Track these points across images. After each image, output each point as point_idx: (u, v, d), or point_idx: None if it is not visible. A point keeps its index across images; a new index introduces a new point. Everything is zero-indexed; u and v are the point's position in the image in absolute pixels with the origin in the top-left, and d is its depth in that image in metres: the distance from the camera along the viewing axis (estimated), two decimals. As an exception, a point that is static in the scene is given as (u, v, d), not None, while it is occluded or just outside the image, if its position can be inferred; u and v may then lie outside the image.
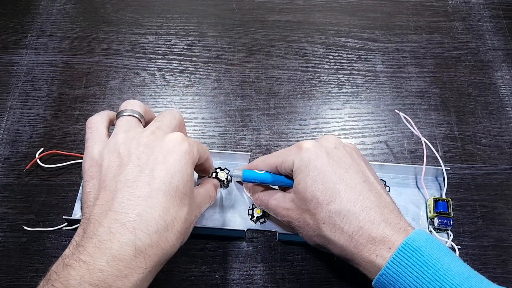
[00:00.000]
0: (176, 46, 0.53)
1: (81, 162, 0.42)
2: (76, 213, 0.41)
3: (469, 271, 0.28)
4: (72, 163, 0.44)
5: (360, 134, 0.47)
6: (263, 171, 0.38)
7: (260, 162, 0.38)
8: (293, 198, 0.34)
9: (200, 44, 0.53)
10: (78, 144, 0.45)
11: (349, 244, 0.31)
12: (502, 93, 0.51)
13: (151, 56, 0.52)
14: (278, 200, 0.36)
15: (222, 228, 0.40)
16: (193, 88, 0.50)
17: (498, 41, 0.55)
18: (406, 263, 0.28)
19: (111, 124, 0.35)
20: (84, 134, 0.45)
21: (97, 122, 0.33)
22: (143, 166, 0.29)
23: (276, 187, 0.39)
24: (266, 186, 0.39)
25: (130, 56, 0.51)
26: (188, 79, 0.50)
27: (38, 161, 0.43)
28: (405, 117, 0.43)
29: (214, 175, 0.43)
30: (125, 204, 0.27)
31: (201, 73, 0.51)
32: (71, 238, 0.29)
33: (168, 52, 0.52)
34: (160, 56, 0.52)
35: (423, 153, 0.43)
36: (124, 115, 0.33)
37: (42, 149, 0.44)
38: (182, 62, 0.51)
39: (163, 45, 0.52)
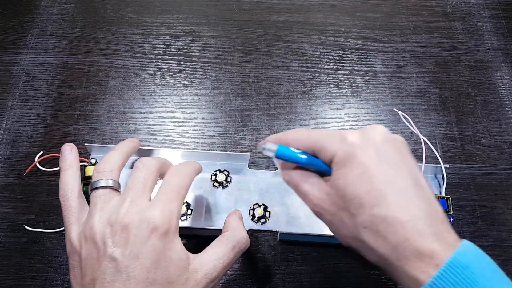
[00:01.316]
0: (176, 47, 0.53)
1: (81, 166, 0.42)
2: None
3: None
4: None
5: (360, 134, 0.47)
6: (300, 151, 0.32)
7: (293, 139, 0.32)
8: (330, 191, 0.30)
9: (200, 45, 0.53)
10: (78, 144, 0.45)
11: (391, 254, 0.27)
12: (502, 93, 0.51)
13: (151, 56, 0.52)
14: (312, 187, 0.31)
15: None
16: (193, 88, 0.50)
17: (498, 41, 0.55)
18: (452, 282, 0.25)
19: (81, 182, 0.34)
20: (84, 134, 0.46)
21: (67, 196, 0.32)
22: (118, 262, 0.27)
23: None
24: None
25: (130, 56, 0.52)
26: (188, 79, 0.50)
27: (37, 164, 0.43)
28: (404, 116, 0.43)
29: (213, 177, 0.43)
30: None
31: (201, 73, 0.51)
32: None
33: (168, 52, 0.52)
34: (160, 56, 0.52)
35: (422, 152, 0.44)
36: (98, 189, 0.31)
37: (41, 152, 0.44)
38: (182, 62, 0.52)
39: (163, 45, 0.53)
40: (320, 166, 0.32)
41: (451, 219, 0.40)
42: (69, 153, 0.34)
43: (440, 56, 0.53)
